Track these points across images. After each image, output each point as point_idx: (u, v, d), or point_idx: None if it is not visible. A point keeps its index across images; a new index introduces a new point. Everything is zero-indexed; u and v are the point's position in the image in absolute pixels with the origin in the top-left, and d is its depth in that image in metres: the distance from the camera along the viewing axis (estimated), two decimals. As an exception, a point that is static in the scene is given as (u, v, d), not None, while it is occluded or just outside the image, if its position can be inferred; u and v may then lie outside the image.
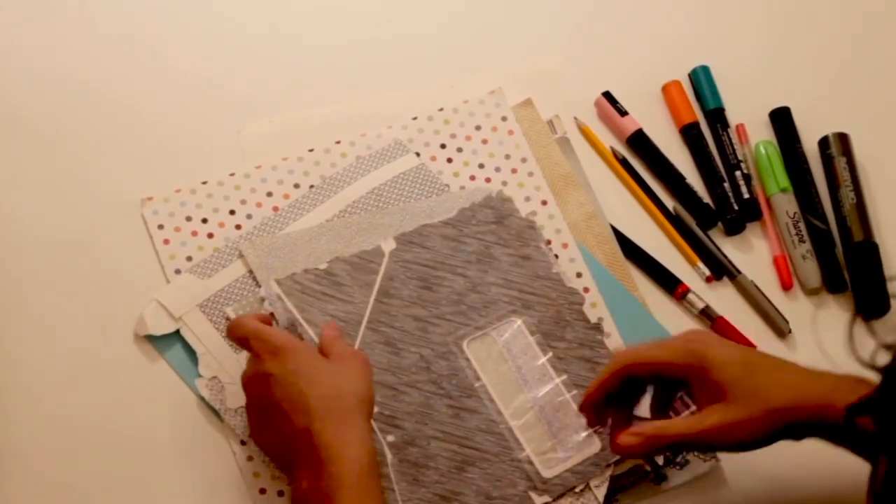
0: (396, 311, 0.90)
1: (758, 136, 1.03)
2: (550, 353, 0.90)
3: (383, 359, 0.88)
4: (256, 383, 0.80)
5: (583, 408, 0.83)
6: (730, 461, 0.90)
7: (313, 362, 0.80)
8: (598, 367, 0.90)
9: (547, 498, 0.86)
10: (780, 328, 0.95)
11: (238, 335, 0.82)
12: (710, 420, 0.75)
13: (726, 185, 1.00)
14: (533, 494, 0.86)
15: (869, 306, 0.95)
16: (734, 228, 0.99)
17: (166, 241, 0.92)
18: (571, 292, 0.93)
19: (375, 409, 0.84)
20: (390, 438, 0.86)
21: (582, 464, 0.87)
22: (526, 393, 0.89)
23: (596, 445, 0.87)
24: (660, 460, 0.89)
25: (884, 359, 0.59)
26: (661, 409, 0.83)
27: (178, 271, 0.91)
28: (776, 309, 0.95)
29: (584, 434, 0.87)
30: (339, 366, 0.81)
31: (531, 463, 0.87)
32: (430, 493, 0.85)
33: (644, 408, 0.83)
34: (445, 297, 0.91)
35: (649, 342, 0.81)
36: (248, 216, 0.94)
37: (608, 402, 0.81)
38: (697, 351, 0.77)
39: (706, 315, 0.95)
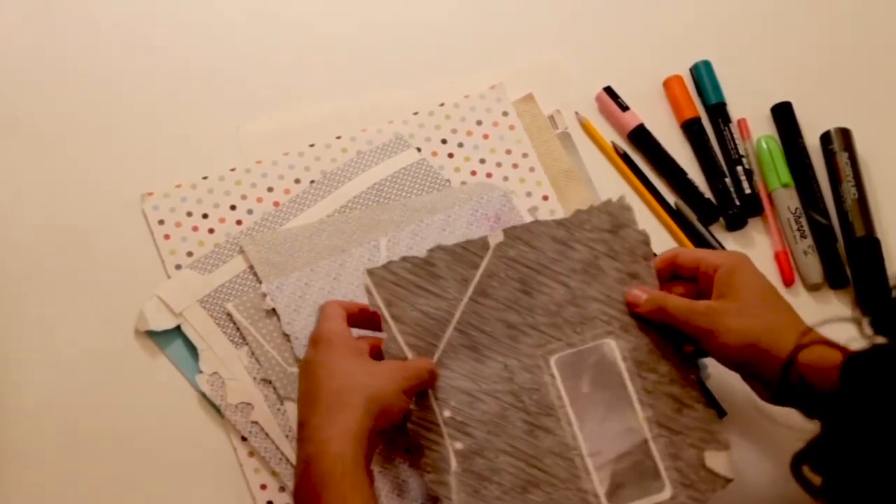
0: (489, 313, 0.85)
1: (759, 131, 1.03)
2: (639, 384, 0.85)
3: (466, 364, 0.84)
4: (300, 369, 0.82)
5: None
6: (734, 458, 0.90)
7: (343, 357, 0.79)
8: (685, 408, 0.84)
9: None
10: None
11: (317, 318, 0.84)
12: (705, 302, 0.83)
13: (728, 180, 1.00)
14: None
15: (870, 302, 0.95)
16: (735, 224, 0.99)
17: (167, 237, 0.92)
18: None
19: (447, 414, 0.82)
20: (458, 446, 0.82)
21: None
22: (606, 423, 0.84)
23: (667, 492, 0.83)
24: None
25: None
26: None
27: (178, 267, 0.91)
28: (777, 305, 0.95)
29: (655, 477, 0.83)
30: (373, 367, 0.80)
31: (597, 497, 0.82)
32: None
33: None
34: (542, 305, 0.86)
35: None
36: (249, 211, 0.94)
37: None
38: (736, 261, 0.84)
39: (707, 310, 0.94)
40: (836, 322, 0.64)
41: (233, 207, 0.94)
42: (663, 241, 0.98)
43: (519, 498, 0.81)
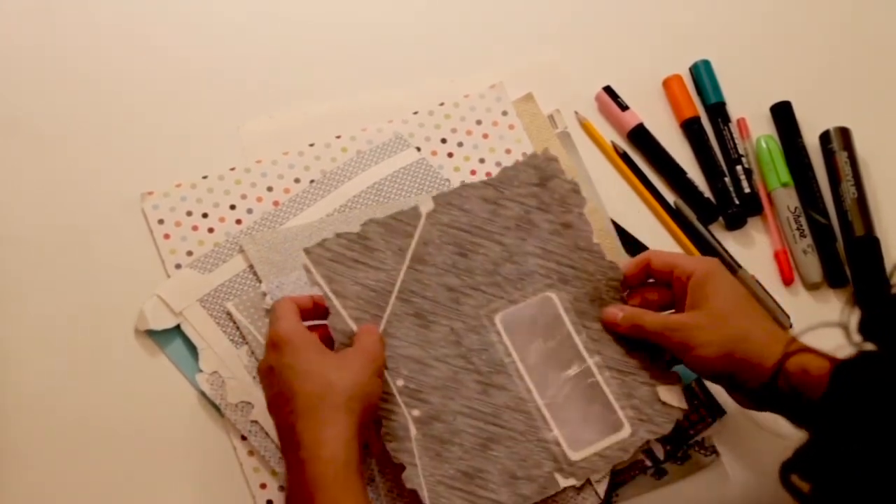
0: (429, 279, 0.87)
1: (759, 131, 1.03)
2: (584, 334, 0.88)
3: (412, 331, 0.85)
4: (262, 374, 0.80)
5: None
6: (730, 457, 0.90)
7: (309, 357, 0.79)
8: (633, 351, 0.87)
9: (573, 481, 0.84)
10: (780, 322, 0.95)
11: (270, 318, 0.83)
12: (678, 317, 0.84)
13: (727, 179, 1.00)
14: (558, 476, 0.84)
15: (869, 301, 0.95)
16: (735, 223, 0.99)
17: (167, 236, 0.92)
18: (611, 267, 0.89)
19: (401, 383, 0.83)
20: (415, 413, 0.83)
21: (610, 448, 0.85)
22: (557, 372, 0.87)
23: (625, 430, 0.86)
24: (660, 455, 0.89)
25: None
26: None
27: (178, 266, 0.91)
28: (777, 303, 0.95)
29: (613, 418, 0.86)
30: (339, 360, 0.80)
31: (559, 444, 0.85)
32: (453, 470, 0.83)
33: None
34: (480, 265, 0.88)
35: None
36: (249, 211, 0.94)
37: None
38: (708, 269, 0.84)
39: (707, 310, 0.95)
40: (822, 328, 0.64)
41: (232, 207, 0.94)
42: (663, 240, 0.98)
43: (481, 456, 0.84)
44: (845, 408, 0.60)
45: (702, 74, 1.04)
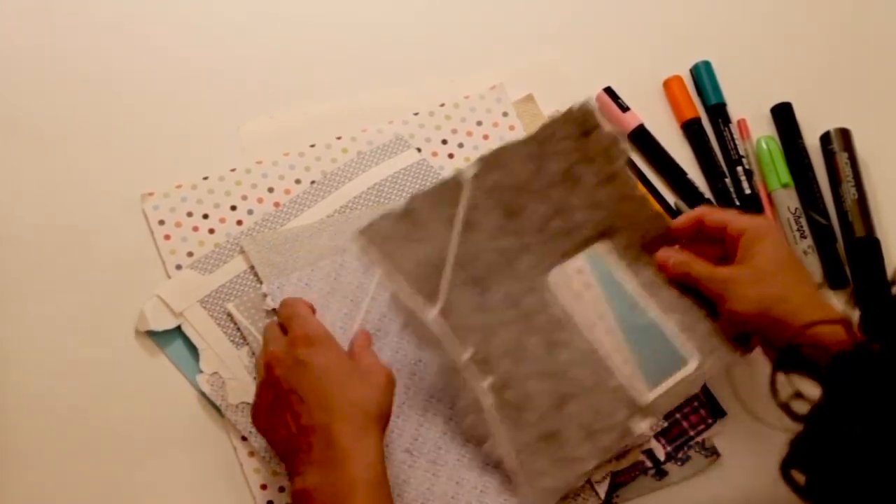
0: (481, 245, 0.85)
1: (759, 132, 1.03)
2: (636, 281, 0.88)
3: (472, 300, 0.84)
4: (284, 366, 0.80)
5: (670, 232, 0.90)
6: (730, 457, 0.90)
7: (344, 364, 0.80)
8: (688, 293, 0.88)
9: (651, 420, 0.85)
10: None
11: (285, 313, 0.83)
12: (722, 269, 0.85)
13: (727, 180, 1.00)
14: (634, 420, 0.84)
15: (869, 302, 0.95)
16: (735, 224, 0.99)
17: (167, 237, 0.92)
18: (657, 216, 0.90)
19: (468, 355, 0.82)
20: (487, 382, 0.82)
21: (679, 383, 0.86)
22: (614, 320, 0.87)
23: (692, 364, 0.86)
24: (660, 456, 0.89)
25: (800, 407, 0.61)
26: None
27: (179, 267, 0.91)
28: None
29: (677, 354, 0.86)
30: (366, 376, 0.81)
31: (629, 390, 0.85)
32: (533, 434, 0.82)
33: None
34: (529, 224, 0.86)
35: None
36: (250, 212, 0.94)
37: None
38: (760, 226, 0.86)
39: (707, 311, 0.95)
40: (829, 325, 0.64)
41: (233, 208, 0.94)
42: (663, 241, 0.98)
43: (558, 415, 0.83)
44: (842, 401, 0.60)
45: (702, 75, 1.04)
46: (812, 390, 0.63)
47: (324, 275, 0.90)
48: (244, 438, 0.87)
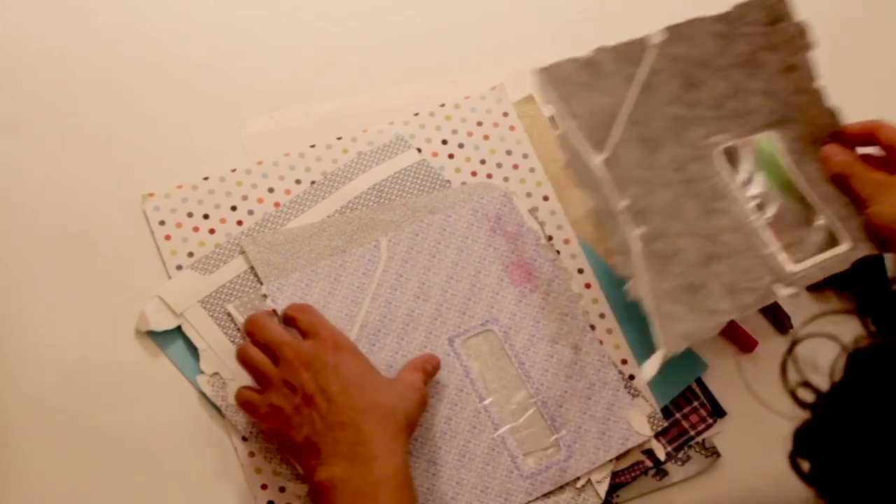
0: (656, 107, 0.89)
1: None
2: (803, 170, 0.91)
3: (638, 154, 0.88)
4: (313, 369, 0.81)
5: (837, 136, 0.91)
6: (730, 457, 0.90)
7: (371, 371, 0.83)
8: (846, 192, 0.90)
9: (793, 290, 0.87)
10: (783, 325, 0.95)
11: (308, 320, 0.84)
12: (881, 175, 0.88)
13: (728, 180, 1.00)
14: (778, 286, 0.87)
15: (871, 302, 0.95)
16: (736, 224, 0.99)
17: (168, 237, 0.92)
18: (830, 113, 0.93)
19: (625, 204, 0.86)
20: (638, 231, 0.86)
21: (830, 259, 0.88)
22: (775, 201, 0.90)
23: (846, 245, 0.89)
24: (661, 456, 0.89)
25: (808, 396, 0.61)
26: None
27: (179, 267, 0.91)
28: (779, 305, 0.95)
29: (832, 234, 0.89)
30: (396, 386, 0.83)
31: (776, 258, 0.88)
32: (676, 283, 0.85)
33: None
34: (706, 99, 0.90)
35: None
36: (250, 212, 0.94)
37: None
38: None
39: (708, 311, 0.95)
40: (836, 315, 0.64)
41: (233, 208, 0.94)
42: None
43: (703, 271, 0.85)
44: (859, 392, 0.60)
45: (703, 75, 1.04)
46: (820, 380, 0.63)
47: (324, 275, 0.90)
48: (245, 439, 0.87)
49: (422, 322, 0.90)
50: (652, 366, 0.86)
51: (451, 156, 0.98)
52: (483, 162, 0.98)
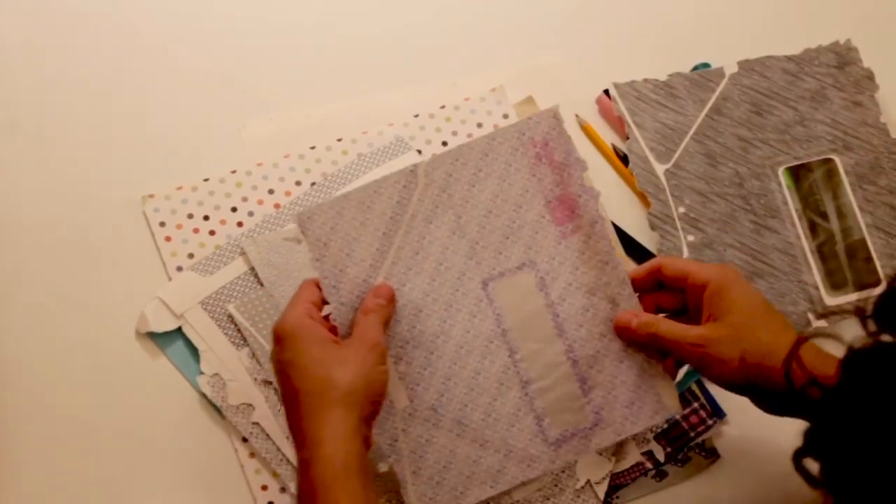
0: (723, 128, 0.98)
1: (759, 134, 1.03)
2: (860, 194, 0.97)
3: (700, 168, 0.97)
4: (274, 370, 0.78)
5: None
6: (730, 459, 0.90)
7: (309, 352, 0.76)
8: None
9: (823, 323, 0.92)
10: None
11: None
12: (698, 330, 0.79)
13: (728, 182, 1.01)
14: (811, 316, 0.93)
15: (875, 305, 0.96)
16: (736, 225, 1.00)
17: (168, 239, 0.92)
18: (895, 143, 1.00)
19: (682, 210, 0.95)
20: (690, 238, 0.94)
21: (864, 300, 0.84)
22: (827, 224, 0.96)
23: (881, 285, 0.93)
24: (660, 457, 0.89)
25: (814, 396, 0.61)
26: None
27: (179, 268, 0.91)
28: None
29: (874, 274, 0.95)
30: (339, 352, 0.77)
31: (817, 288, 0.94)
32: None
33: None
34: (772, 124, 0.99)
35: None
36: (250, 213, 0.94)
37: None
38: (725, 277, 0.80)
39: (707, 312, 0.95)
40: (840, 314, 0.64)
41: (234, 209, 0.94)
42: (663, 243, 0.98)
43: None
44: (858, 392, 0.60)
45: (703, 77, 1.05)
46: (827, 379, 0.63)
47: (356, 203, 0.83)
48: (245, 440, 0.87)
49: (456, 261, 0.84)
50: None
51: (450, 157, 0.98)
52: (483, 163, 0.98)
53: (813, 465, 0.62)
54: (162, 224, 0.93)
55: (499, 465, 0.83)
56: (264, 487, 0.86)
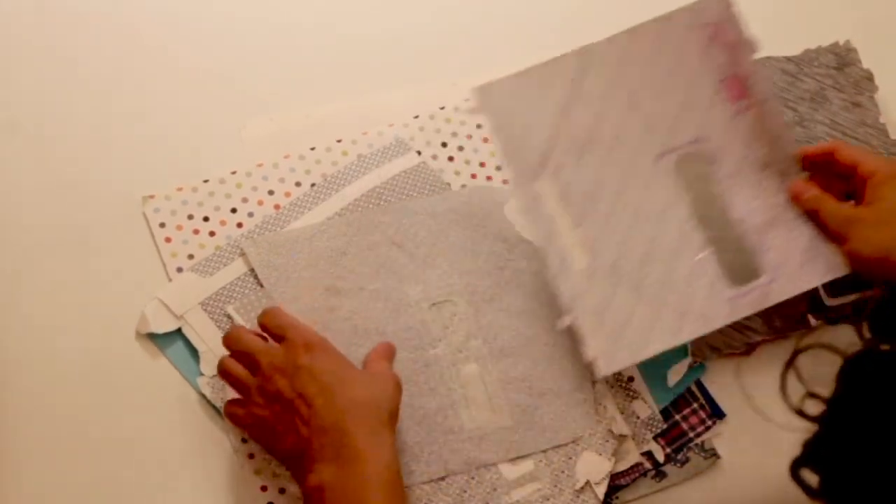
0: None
1: (759, 134, 1.03)
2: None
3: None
4: (286, 374, 0.80)
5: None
6: (730, 459, 0.90)
7: (346, 366, 0.82)
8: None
9: (821, 321, 0.91)
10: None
11: (275, 323, 0.84)
12: (847, 208, 0.85)
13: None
14: (811, 317, 0.92)
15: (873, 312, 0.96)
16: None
17: (168, 239, 0.92)
18: (894, 143, 0.99)
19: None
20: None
21: (862, 298, 0.91)
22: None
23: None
24: (660, 457, 0.89)
25: (813, 407, 0.61)
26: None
27: (179, 269, 0.91)
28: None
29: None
30: (372, 378, 0.82)
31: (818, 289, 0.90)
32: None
33: None
34: None
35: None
36: (250, 214, 0.94)
37: None
38: (890, 171, 0.84)
39: (707, 313, 0.95)
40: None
41: (234, 210, 0.94)
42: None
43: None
44: (855, 402, 0.60)
45: (703, 78, 1.06)
46: (824, 391, 0.63)
47: (535, 80, 0.89)
48: (244, 440, 0.87)
49: (630, 135, 0.88)
50: (678, 371, 0.90)
51: (450, 158, 0.98)
52: (483, 164, 0.98)
53: (810, 476, 0.62)
54: (162, 225, 0.93)
55: (676, 324, 0.86)
56: (263, 488, 0.86)
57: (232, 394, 0.86)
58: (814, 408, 0.64)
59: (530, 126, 0.86)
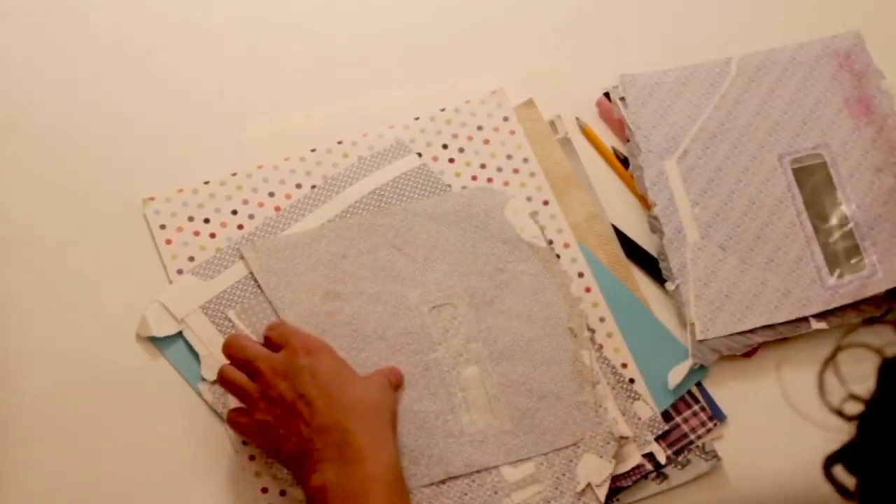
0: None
1: (760, 136, 1.03)
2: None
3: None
4: (287, 377, 0.81)
5: None
6: (731, 461, 0.90)
7: (347, 368, 0.83)
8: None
9: (824, 325, 0.92)
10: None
11: (279, 333, 0.85)
12: None
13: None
14: (812, 320, 0.93)
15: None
16: (737, 227, 1.00)
17: (168, 242, 0.92)
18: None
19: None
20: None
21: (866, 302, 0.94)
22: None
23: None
24: (661, 459, 0.89)
25: (853, 408, 0.60)
26: None
27: (180, 272, 0.91)
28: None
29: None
30: (370, 379, 0.84)
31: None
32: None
33: None
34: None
35: None
36: (251, 216, 0.94)
37: None
38: None
39: (708, 315, 0.95)
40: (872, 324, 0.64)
41: (234, 212, 0.94)
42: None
43: None
44: (893, 404, 0.60)
45: (704, 79, 1.06)
46: (864, 391, 0.62)
47: (674, 78, 1.00)
48: (245, 443, 0.87)
49: (755, 137, 0.97)
50: (678, 372, 0.90)
51: (451, 160, 0.98)
52: (483, 166, 0.98)
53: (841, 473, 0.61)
54: (162, 227, 0.93)
55: (777, 302, 0.92)
56: (264, 490, 0.86)
57: (233, 399, 0.86)
58: (853, 408, 0.63)
59: (666, 114, 0.98)
